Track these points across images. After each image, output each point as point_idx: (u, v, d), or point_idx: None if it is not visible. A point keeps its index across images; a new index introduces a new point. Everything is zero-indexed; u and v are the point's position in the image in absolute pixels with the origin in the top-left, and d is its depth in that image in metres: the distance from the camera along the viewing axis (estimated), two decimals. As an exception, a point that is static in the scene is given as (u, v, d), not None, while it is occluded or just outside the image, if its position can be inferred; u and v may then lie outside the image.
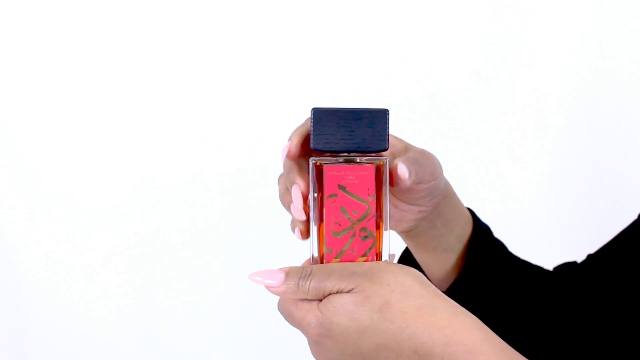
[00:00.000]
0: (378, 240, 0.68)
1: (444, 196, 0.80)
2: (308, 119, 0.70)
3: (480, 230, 0.86)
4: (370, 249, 0.67)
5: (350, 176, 0.67)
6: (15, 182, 1.55)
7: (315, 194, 0.67)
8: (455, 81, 1.55)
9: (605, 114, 1.56)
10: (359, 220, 0.67)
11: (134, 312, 1.59)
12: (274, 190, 1.72)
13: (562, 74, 1.55)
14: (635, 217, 0.89)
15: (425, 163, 0.75)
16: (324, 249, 0.67)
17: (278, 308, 0.69)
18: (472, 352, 0.62)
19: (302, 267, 0.66)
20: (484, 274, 0.85)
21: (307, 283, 0.65)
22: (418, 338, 0.63)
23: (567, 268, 0.91)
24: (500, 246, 0.89)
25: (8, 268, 1.57)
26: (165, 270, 1.59)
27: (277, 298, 0.71)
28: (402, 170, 0.70)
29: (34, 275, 1.57)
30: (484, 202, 1.58)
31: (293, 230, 0.72)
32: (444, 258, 0.84)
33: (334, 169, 0.67)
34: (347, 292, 0.64)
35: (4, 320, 1.58)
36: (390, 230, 0.74)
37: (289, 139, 0.71)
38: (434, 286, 0.66)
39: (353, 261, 0.67)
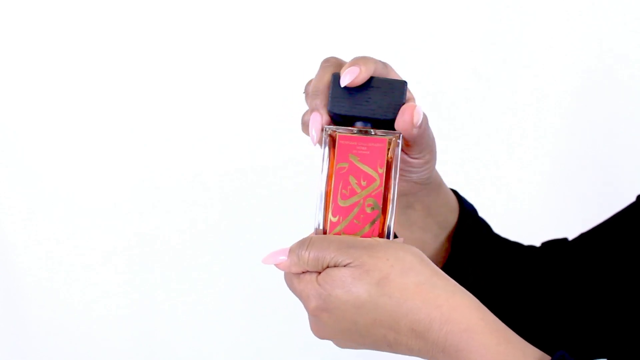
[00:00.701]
0: (384, 213, 0.68)
1: (426, 186, 0.78)
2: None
3: (465, 217, 0.85)
4: (374, 221, 0.68)
5: (363, 147, 0.68)
6: (15, 182, 1.55)
7: (326, 162, 0.68)
8: (455, 81, 1.55)
9: (605, 114, 1.56)
10: (367, 190, 0.68)
11: (134, 312, 1.59)
12: (275, 190, 1.72)
13: (562, 74, 1.55)
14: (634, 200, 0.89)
15: (431, 133, 0.74)
16: (329, 216, 0.68)
17: (286, 283, 0.69)
18: (469, 331, 0.62)
19: (304, 239, 0.66)
20: (470, 261, 0.85)
21: (307, 253, 0.65)
22: (415, 315, 0.63)
23: (556, 245, 0.91)
24: (485, 227, 0.88)
25: (8, 268, 1.57)
26: (165, 270, 1.59)
27: (277, 296, 0.72)
28: (418, 112, 0.68)
29: (34, 275, 1.57)
30: (484, 202, 1.58)
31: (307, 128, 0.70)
32: (420, 238, 0.83)
33: (347, 139, 0.68)
34: (345, 265, 0.64)
35: (4, 320, 1.58)
36: None
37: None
38: (433, 264, 0.66)
39: (356, 231, 0.68)
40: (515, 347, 0.63)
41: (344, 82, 0.68)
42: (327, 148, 0.68)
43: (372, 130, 0.68)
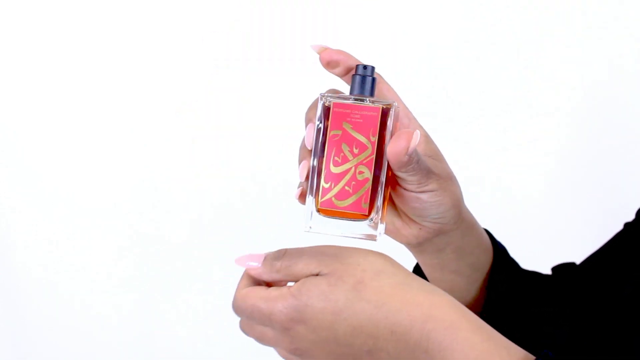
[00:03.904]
0: (375, 181, 0.68)
1: (457, 227, 0.76)
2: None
3: (499, 259, 0.82)
4: (365, 188, 0.68)
5: (356, 115, 0.69)
6: (15, 182, 1.55)
7: (320, 127, 0.69)
8: (455, 80, 1.55)
9: (609, 114, 1.56)
10: (359, 158, 0.68)
11: (134, 312, 1.59)
12: (275, 190, 1.72)
13: (565, 74, 1.55)
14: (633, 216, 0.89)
15: (441, 167, 0.73)
16: (322, 182, 0.69)
17: (236, 307, 0.68)
18: (452, 328, 0.61)
19: (278, 250, 0.67)
20: (509, 305, 0.82)
21: (279, 263, 0.65)
22: (395, 317, 0.62)
23: (566, 269, 0.90)
24: (516, 266, 0.86)
25: (8, 268, 1.57)
26: (165, 270, 1.59)
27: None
28: (415, 135, 0.66)
29: (34, 275, 1.57)
30: (485, 204, 1.58)
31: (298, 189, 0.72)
32: (451, 279, 0.81)
33: (341, 106, 0.69)
34: (317, 274, 0.64)
35: (4, 320, 1.58)
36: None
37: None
38: (404, 267, 0.66)
39: (347, 198, 0.68)
40: (499, 345, 0.62)
41: (316, 49, 0.73)
42: (322, 116, 0.69)
43: (367, 98, 0.70)
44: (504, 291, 0.82)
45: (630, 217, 0.91)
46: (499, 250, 0.83)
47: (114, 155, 1.56)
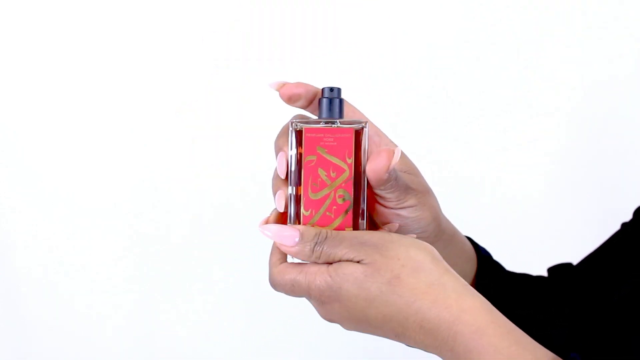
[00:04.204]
0: (356, 203, 0.68)
1: (438, 239, 0.77)
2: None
3: (484, 265, 0.84)
4: (347, 211, 0.68)
5: (330, 138, 0.68)
6: (15, 182, 1.55)
7: (294, 154, 0.68)
8: (455, 80, 1.55)
9: (608, 114, 1.56)
10: (337, 182, 0.68)
11: (134, 312, 1.59)
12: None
13: (565, 74, 1.55)
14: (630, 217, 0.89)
15: (418, 181, 0.73)
16: (302, 210, 0.68)
17: (274, 280, 0.68)
18: (478, 333, 0.63)
19: (318, 231, 0.66)
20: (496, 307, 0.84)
21: (320, 248, 0.66)
22: (425, 314, 0.63)
23: (562, 270, 0.91)
24: (501, 269, 0.87)
25: (8, 268, 1.57)
26: (165, 270, 1.59)
27: (278, 296, 0.71)
28: (397, 153, 0.67)
29: (34, 275, 1.57)
30: (485, 204, 1.58)
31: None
32: None
33: (313, 131, 0.68)
34: (358, 261, 0.65)
35: (4, 321, 1.58)
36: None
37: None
38: (445, 262, 0.67)
39: (329, 223, 0.68)
40: (526, 349, 0.63)
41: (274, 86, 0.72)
42: (295, 143, 0.68)
43: (337, 121, 0.69)
44: (492, 295, 0.82)
45: (630, 217, 0.91)
46: (482, 256, 0.85)
47: (114, 155, 1.56)
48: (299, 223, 0.68)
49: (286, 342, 1.57)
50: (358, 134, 0.68)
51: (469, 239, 0.86)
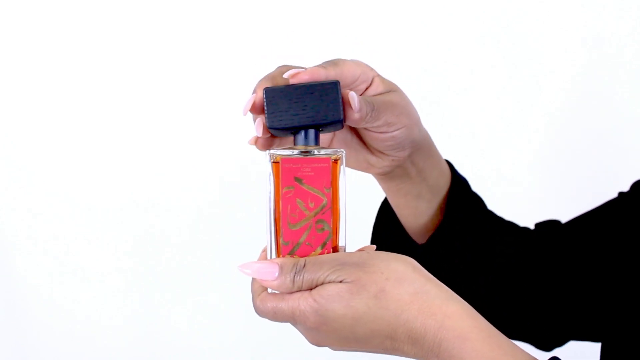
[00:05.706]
0: (334, 232, 0.68)
1: (419, 147, 0.80)
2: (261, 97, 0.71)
3: (457, 184, 0.87)
4: (326, 241, 0.68)
5: (307, 168, 0.67)
6: (15, 182, 1.55)
7: (272, 187, 0.68)
8: (455, 80, 1.55)
9: (608, 114, 1.56)
10: (315, 212, 0.67)
11: (134, 312, 1.59)
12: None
13: (565, 74, 1.55)
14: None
15: (394, 109, 0.75)
16: (281, 241, 0.67)
17: (257, 308, 0.68)
18: (461, 338, 0.64)
19: (295, 261, 0.66)
20: (463, 228, 0.86)
21: (301, 277, 0.66)
22: (411, 324, 0.65)
23: (549, 226, 0.93)
24: (478, 200, 0.90)
25: (8, 268, 1.57)
26: (165, 270, 1.59)
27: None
28: (353, 97, 0.69)
29: (34, 276, 1.57)
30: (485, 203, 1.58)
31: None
32: (415, 205, 0.85)
33: (290, 162, 0.67)
34: (340, 281, 0.65)
35: (3, 321, 1.58)
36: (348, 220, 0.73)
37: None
38: (425, 271, 0.68)
39: (309, 254, 0.67)
40: (507, 353, 0.65)
41: (287, 74, 0.71)
42: (271, 174, 0.68)
43: (313, 149, 0.68)
44: (461, 217, 0.86)
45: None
46: (456, 177, 0.87)
47: (113, 155, 1.56)
48: (279, 255, 0.68)
49: (286, 342, 1.57)
50: (335, 162, 0.68)
51: (449, 162, 0.88)
